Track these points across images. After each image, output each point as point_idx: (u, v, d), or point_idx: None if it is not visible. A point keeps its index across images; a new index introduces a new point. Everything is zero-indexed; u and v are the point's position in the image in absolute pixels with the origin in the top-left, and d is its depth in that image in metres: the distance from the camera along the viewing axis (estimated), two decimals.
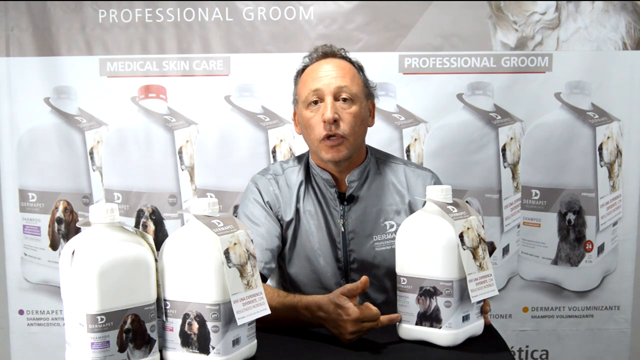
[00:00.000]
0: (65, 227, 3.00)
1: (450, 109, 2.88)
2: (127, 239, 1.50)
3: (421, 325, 1.70)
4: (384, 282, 2.11)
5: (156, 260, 1.53)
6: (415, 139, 2.90)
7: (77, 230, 2.93)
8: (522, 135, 2.90)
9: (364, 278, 1.73)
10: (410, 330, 1.72)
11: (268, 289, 1.91)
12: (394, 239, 2.01)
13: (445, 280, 1.65)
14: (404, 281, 1.71)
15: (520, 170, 2.93)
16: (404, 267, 1.72)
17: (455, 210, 1.68)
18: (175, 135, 2.93)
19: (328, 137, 2.03)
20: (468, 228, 1.67)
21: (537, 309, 3.00)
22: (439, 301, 1.66)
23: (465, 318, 1.68)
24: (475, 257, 1.67)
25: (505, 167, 2.92)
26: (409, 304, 1.70)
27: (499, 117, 2.89)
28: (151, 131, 2.93)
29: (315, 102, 2.06)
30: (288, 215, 2.12)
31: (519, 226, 2.97)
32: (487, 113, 2.89)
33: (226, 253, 1.51)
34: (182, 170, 2.95)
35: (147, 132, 2.93)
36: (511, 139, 2.90)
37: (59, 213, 2.99)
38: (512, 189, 2.93)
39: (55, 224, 3.00)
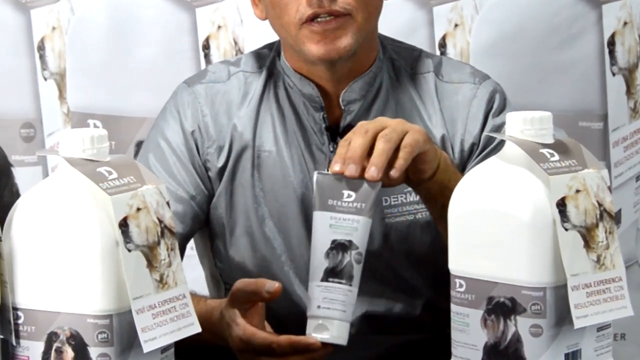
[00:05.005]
0: None
1: None
2: None
3: None
4: (403, 278, 2.12)
5: (0, 240, 1.53)
6: (456, 25, 2.93)
7: None
8: None
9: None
10: None
11: None
12: (419, 202, 2.04)
13: (530, 286, 1.62)
14: (460, 286, 1.68)
15: None
16: (461, 261, 1.69)
17: (555, 158, 1.63)
18: (32, 17, 2.95)
19: (315, 17, 2.01)
20: (577, 190, 1.62)
21: None
22: (521, 324, 1.64)
23: (572, 356, 1.66)
24: (589, 244, 1.63)
25: (614, 75, 2.96)
26: (471, 328, 1.68)
27: None
28: None
29: None
30: (223, 157, 2.13)
31: (637, 178, 3.02)
32: None
33: (123, 226, 1.50)
34: (45, 79, 2.98)
35: None
36: (625, 24, 2.93)
37: None
38: (626, 112, 2.98)
39: None
